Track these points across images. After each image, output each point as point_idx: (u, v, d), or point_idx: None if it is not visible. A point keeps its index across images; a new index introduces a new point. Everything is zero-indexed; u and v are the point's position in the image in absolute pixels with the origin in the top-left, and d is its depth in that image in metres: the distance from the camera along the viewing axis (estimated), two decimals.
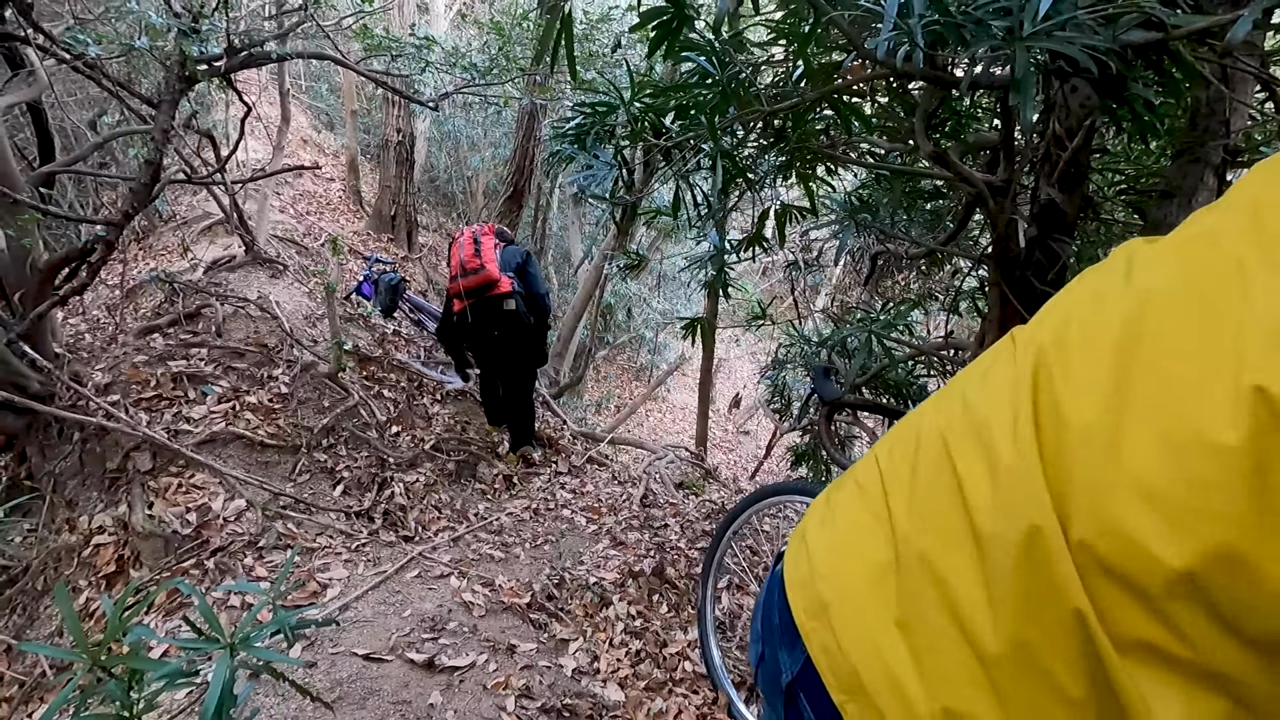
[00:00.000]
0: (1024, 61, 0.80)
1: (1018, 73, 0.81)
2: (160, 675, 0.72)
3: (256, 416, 3.14)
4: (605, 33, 5.52)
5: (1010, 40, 0.80)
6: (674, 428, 10.68)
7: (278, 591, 0.87)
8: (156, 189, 2.94)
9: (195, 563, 2.47)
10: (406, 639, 2.22)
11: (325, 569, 2.55)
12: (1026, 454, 0.44)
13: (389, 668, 2.09)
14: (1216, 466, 0.36)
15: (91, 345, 3.50)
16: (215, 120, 6.29)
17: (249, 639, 0.76)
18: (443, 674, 2.09)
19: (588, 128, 1.79)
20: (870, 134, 1.76)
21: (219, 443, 2.95)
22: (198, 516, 2.60)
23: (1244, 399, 0.36)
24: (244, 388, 3.29)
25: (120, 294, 4.09)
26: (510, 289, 3.60)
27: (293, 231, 5.91)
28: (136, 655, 0.74)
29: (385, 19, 6.40)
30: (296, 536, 2.69)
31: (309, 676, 2.05)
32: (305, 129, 9.19)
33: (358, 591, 2.43)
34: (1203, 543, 0.36)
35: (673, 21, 1.37)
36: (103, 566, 2.51)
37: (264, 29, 4.59)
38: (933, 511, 0.49)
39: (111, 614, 0.82)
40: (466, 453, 3.85)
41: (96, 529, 2.61)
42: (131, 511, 2.58)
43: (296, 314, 4.21)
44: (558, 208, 9.11)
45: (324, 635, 2.20)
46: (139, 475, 2.72)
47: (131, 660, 0.74)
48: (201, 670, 0.80)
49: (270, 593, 0.86)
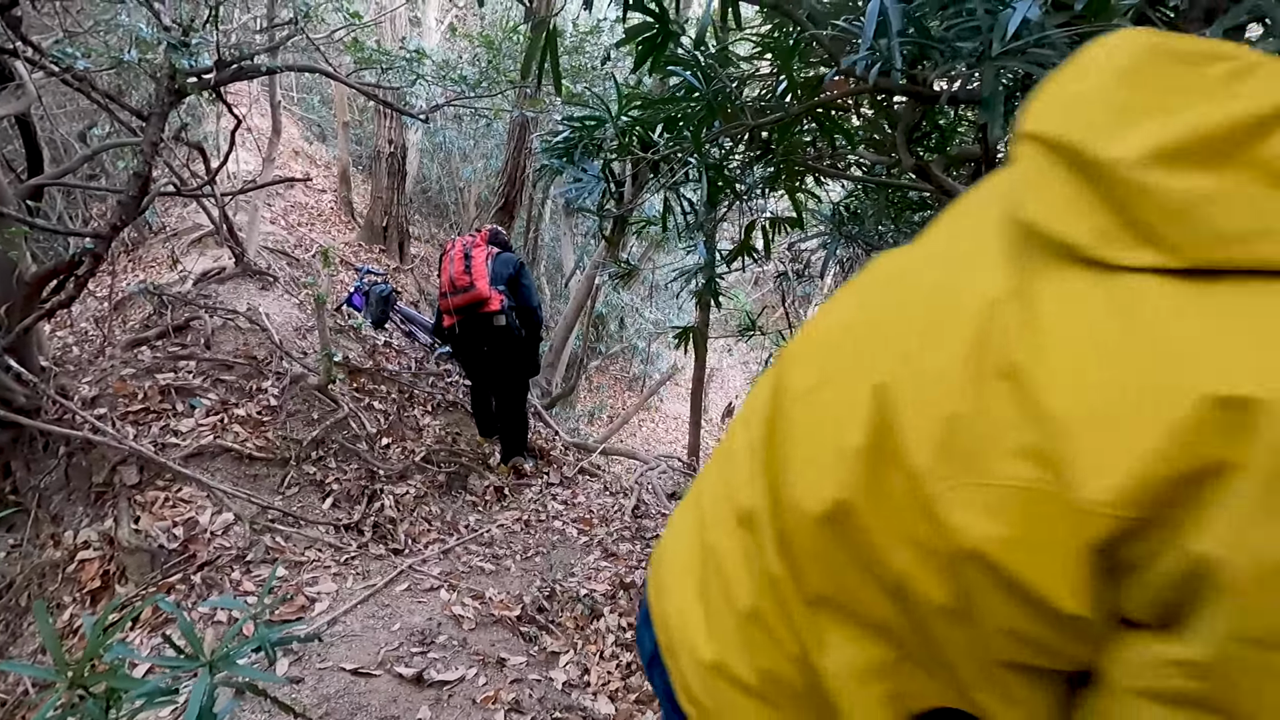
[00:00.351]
0: (992, 81, 0.82)
1: (985, 91, 0.83)
2: (139, 694, 0.71)
3: (245, 429, 3.13)
4: (595, 45, 5.56)
5: (981, 61, 0.82)
6: (667, 437, 10.67)
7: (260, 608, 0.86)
8: (145, 201, 2.94)
9: (181, 578, 2.44)
10: (395, 653, 2.20)
11: (314, 583, 2.53)
12: (756, 438, 0.51)
13: (377, 683, 2.07)
14: (850, 456, 0.44)
15: (79, 358, 3.48)
16: (206, 132, 6.29)
17: (229, 656, 0.75)
18: (432, 688, 2.07)
19: (575, 141, 1.80)
20: (855, 147, 1.78)
21: (207, 456, 2.93)
22: (184, 531, 2.58)
23: (867, 401, 0.44)
24: (233, 400, 3.27)
25: (109, 306, 4.07)
26: (500, 306, 3.56)
27: (284, 243, 5.90)
28: (116, 674, 0.74)
29: (377, 32, 6.43)
30: (285, 550, 2.67)
31: (296, 692, 2.03)
32: (297, 140, 9.20)
33: (346, 605, 2.41)
34: (829, 499, 0.44)
35: (658, 37, 1.39)
36: (87, 582, 2.49)
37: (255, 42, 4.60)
38: (719, 493, 0.57)
39: (91, 632, 0.82)
40: (457, 464, 3.84)
41: (82, 544, 2.58)
42: (117, 526, 2.56)
43: (286, 326, 4.20)
44: (550, 218, 9.13)
45: (311, 650, 2.18)
46: (125, 489, 2.70)
47: (110, 679, 0.73)
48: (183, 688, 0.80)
49: (254, 609, 0.85)
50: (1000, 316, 0.39)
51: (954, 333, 0.41)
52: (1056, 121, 0.40)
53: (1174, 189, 0.35)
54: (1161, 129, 0.36)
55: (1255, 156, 0.34)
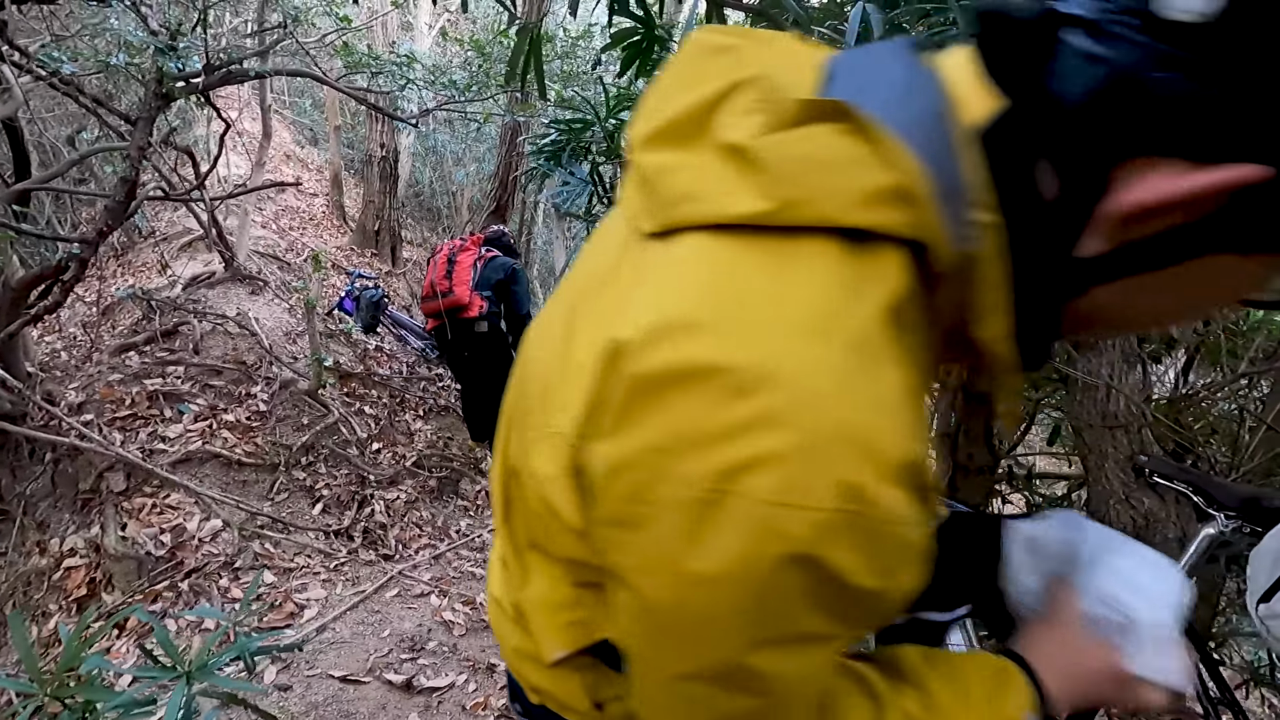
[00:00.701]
0: None
1: None
2: (114, 705, 0.70)
3: (234, 435, 3.11)
4: (587, 49, 5.57)
5: None
6: None
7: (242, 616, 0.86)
8: (133, 206, 2.92)
9: (169, 585, 2.43)
10: (385, 660, 2.19)
11: (303, 589, 2.51)
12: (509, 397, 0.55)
13: (366, 689, 2.06)
14: (506, 412, 0.50)
15: (66, 363, 3.45)
16: (196, 136, 6.26)
17: (208, 667, 0.74)
18: (421, 695, 2.06)
19: (563, 144, 1.80)
20: None
21: (195, 462, 2.91)
22: (172, 537, 2.56)
23: (523, 363, 0.50)
24: (221, 406, 3.25)
25: (97, 311, 4.04)
26: (481, 312, 3.51)
27: (275, 247, 5.87)
28: (91, 685, 0.73)
29: (368, 36, 6.42)
30: (274, 556, 2.65)
31: (284, 700, 2.02)
32: (288, 144, 9.16)
33: (336, 612, 2.40)
34: (506, 452, 0.50)
35: (643, 42, 1.39)
36: (73, 590, 2.46)
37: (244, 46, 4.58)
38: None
39: (68, 642, 0.81)
40: (449, 469, 3.82)
41: (68, 551, 2.56)
42: (104, 533, 2.54)
43: (276, 330, 4.18)
44: (542, 221, 9.12)
45: (300, 658, 2.17)
46: (112, 496, 2.68)
47: (87, 690, 0.73)
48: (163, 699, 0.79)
49: (233, 618, 0.85)
50: (594, 284, 0.45)
51: (564, 297, 0.48)
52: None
53: (649, 164, 0.42)
54: (655, 117, 0.42)
55: (705, 134, 0.40)
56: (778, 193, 0.36)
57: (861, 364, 0.34)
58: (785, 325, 0.34)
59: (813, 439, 0.32)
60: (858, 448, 0.33)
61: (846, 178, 0.36)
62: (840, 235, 0.36)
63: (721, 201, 0.38)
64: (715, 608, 0.35)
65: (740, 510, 0.32)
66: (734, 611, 0.34)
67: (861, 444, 0.33)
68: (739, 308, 0.35)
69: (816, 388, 0.33)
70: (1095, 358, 1.44)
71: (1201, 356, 1.97)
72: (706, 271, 0.37)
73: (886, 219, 0.36)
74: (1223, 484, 1.20)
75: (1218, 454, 1.53)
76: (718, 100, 0.41)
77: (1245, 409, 1.59)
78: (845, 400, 0.33)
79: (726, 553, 0.33)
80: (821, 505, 0.32)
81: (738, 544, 0.33)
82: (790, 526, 0.32)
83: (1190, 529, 1.29)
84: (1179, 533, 1.29)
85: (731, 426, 0.32)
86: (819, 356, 0.33)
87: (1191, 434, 1.54)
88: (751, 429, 0.32)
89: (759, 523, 0.32)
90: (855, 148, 0.37)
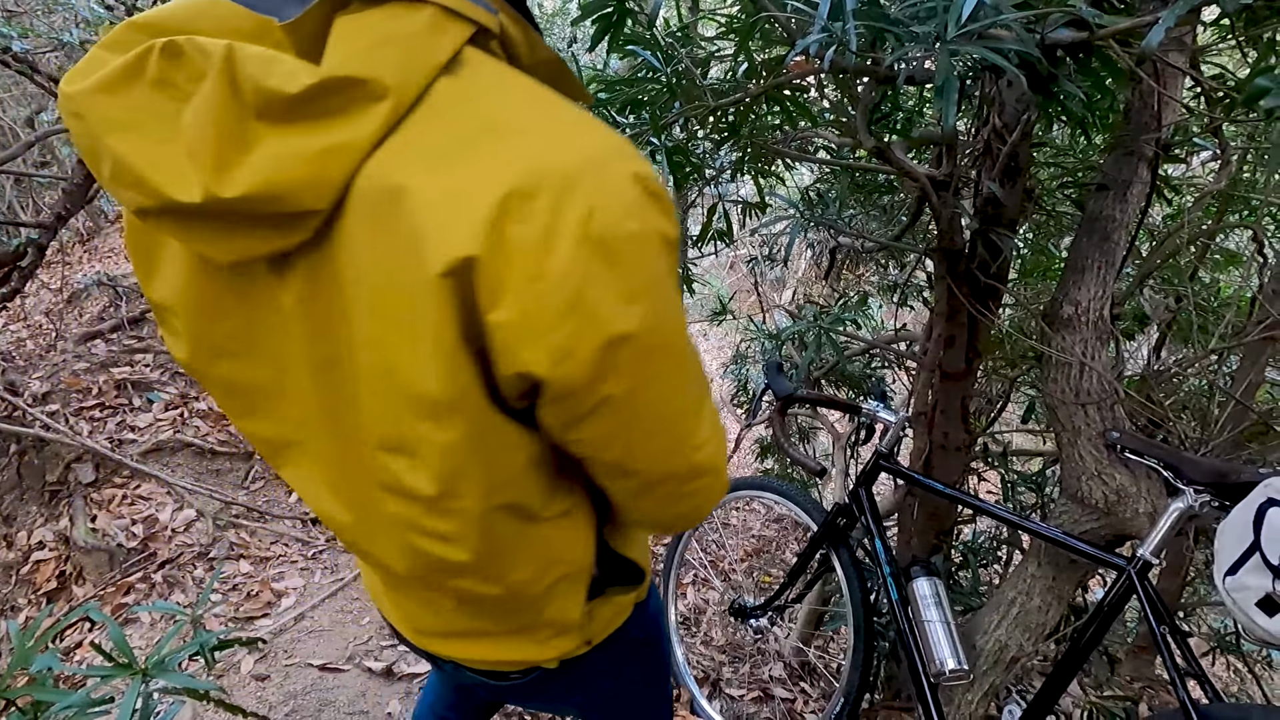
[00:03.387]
0: (945, 65, 0.81)
1: (938, 78, 0.81)
2: (65, 705, 0.68)
3: (206, 423, 3.05)
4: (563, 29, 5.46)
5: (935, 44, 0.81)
6: None
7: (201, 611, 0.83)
8: (93, 189, 2.83)
9: (142, 576, 2.39)
10: (364, 647, 2.18)
11: (280, 578, 2.49)
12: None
13: (345, 677, 2.04)
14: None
15: (30, 353, 3.36)
16: None
17: (164, 663, 0.72)
18: (401, 681, 2.05)
19: None
20: (817, 129, 1.77)
21: (166, 451, 2.85)
22: (144, 528, 2.52)
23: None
24: (192, 394, 3.18)
25: (62, 299, 3.93)
26: None
27: None
28: (41, 685, 0.70)
29: None
30: (250, 546, 2.61)
31: (262, 690, 2.00)
32: None
33: (314, 600, 2.38)
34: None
35: (614, 15, 1.35)
36: (43, 584, 2.42)
37: None
38: None
39: (18, 641, 0.78)
40: None
41: (36, 544, 2.51)
42: (73, 525, 2.49)
43: None
44: None
45: (278, 646, 2.15)
46: (81, 487, 2.62)
47: (36, 690, 0.70)
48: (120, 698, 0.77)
49: (193, 613, 0.82)
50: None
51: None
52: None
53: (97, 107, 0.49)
54: (89, 74, 0.48)
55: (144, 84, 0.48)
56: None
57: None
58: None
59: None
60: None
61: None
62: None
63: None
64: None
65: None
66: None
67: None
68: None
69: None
70: (1069, 335, 1.44)
71: (1173, 333, 1.98)
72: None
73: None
74: (1193, 459, 1.22)
75: (1188, 429, 1.55)
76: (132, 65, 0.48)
77: (1215, 384, 1.61)
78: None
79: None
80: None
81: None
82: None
83: (1160, 504, 1.30)
84: (1149, 507, 1.31)
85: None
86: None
87: (1163, 410, 1.55)
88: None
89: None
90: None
